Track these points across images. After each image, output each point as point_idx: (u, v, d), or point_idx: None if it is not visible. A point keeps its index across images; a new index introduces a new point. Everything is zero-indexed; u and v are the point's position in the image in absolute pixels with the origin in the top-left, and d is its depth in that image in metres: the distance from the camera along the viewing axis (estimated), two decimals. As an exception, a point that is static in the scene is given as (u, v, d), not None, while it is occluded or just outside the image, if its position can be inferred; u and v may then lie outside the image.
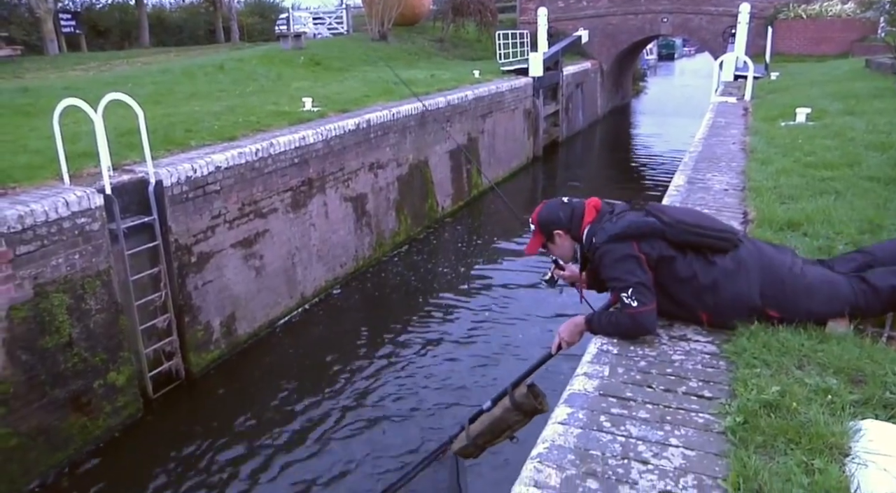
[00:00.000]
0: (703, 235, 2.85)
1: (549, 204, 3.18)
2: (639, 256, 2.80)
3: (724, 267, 2.83)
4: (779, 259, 2.93)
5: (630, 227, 2.84)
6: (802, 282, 2.85)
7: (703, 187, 5.93)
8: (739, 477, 1.95)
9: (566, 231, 3.08)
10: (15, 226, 5.49)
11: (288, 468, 5.98)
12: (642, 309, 2.74)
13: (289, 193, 8.65)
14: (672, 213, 2.91)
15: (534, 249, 3.22)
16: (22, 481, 5.60)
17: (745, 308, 2.84)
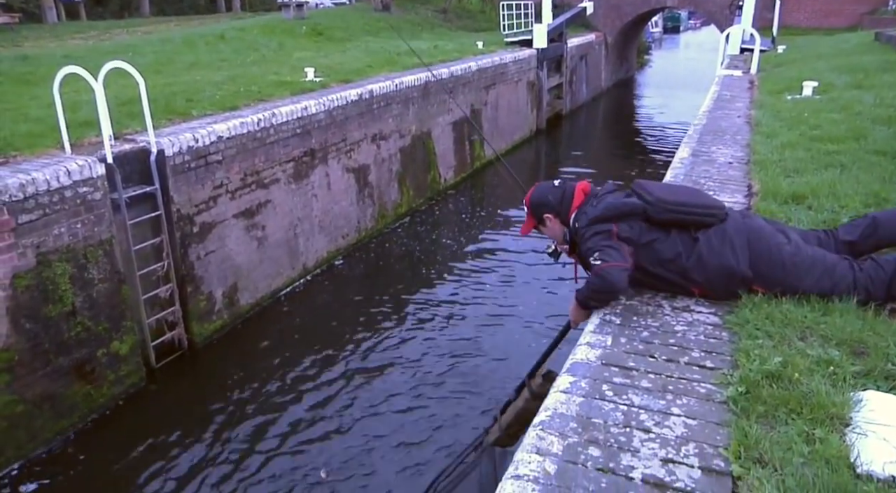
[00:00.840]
0: (686, 212, 2.85)
1: (541, 187, 3.19)
2: (612, 231, 2.84)
3: (708, 242, 2.83)
4: (768, 234, 2.92)
5: (608, 209, 2.88)
6: (793, 259, 2.83)
7: (708, 160, 5.89)
8: (741, 446, 1.97)
9: (556, 215, 3.10)
10: (16, 195, 5.48)
11: (289, 437, 6.04)
12: (605, 265, 2.78)
13: (291, 164, 8.61)
14: (655, 191, 2.90)
15: (527, 230, 3.29)
16: (29, 447, 5.66)
17: (736, 279, 2.84)
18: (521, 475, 1.80)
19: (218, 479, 5.53)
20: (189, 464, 5.70)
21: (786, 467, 1.87)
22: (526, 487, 1.76)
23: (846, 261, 2.90)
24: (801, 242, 2.95)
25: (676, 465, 1.89)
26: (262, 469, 5.65)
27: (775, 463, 1.89)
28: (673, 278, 2.91)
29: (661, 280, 2.94)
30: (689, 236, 2.85)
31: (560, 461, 1.87)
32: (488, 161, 14.99)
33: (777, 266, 2.84)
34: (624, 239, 2.86)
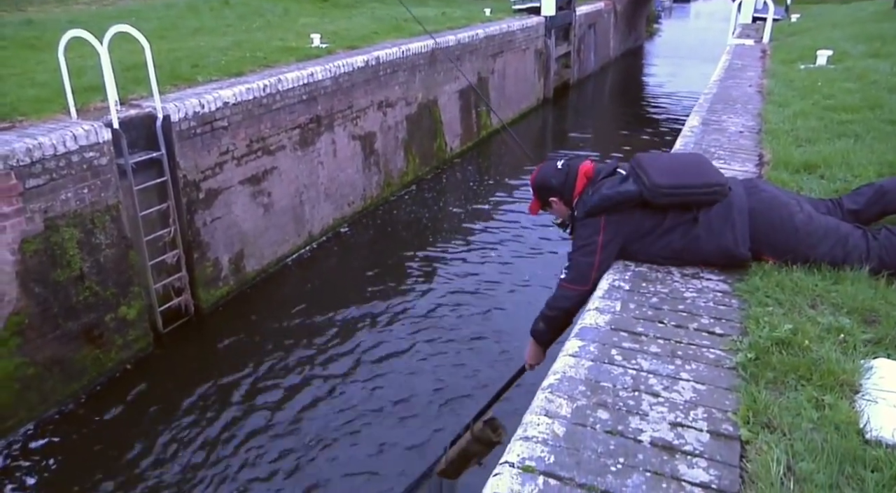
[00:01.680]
0: (685, 195, 2.78)
1: (544, 169, 3.14)
2: (596, 241, 2.84)
3: (708, 223, 2.79)
4: (779, 204, 2.88)
5: (602, 200, 2.83)
6: (805, 229, 2.80)
7: (718, 129, 5.83)
8: (749, 411, 1.97)
9: (560, 198, 3.07)
10: (24, 159, 5.47)
11: (293, 401, 6.11)
12: (563, 284, 2.87)
13: (297, 131, 8.56)
14: (652, 173, 2.80)
15: (535, 210, 3.25)
16: (40, 408, 5.74)
17: (735, 260, 2.83)
18: (530, 436, 1.81)
19: (223, 441, 5.61)
20: (195, 427, 5.78)
21: (794, 432, 1.87)
22: (535, 448, 1.76)
23: (860, 230, 2.87)
24: (812, 212, 2.92)
25: (685, 429, 1.89)
26: (265, 432, 5.72)
27: (784, 428, 1.89)
28: (671, 260, 2.91)
29: (659, 260, 2.94)
30: (689, 217, 2.80)
31: (568, 424, 1.87)
32: (495, 130, 14.88)
33: (789, 236, 2.81)
34: (613, 232, 2.85)
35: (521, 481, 1.65)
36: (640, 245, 2.90)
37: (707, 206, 2.80)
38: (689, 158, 3.21)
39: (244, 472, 5.29)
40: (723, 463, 1.77)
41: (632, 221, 2.85)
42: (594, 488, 1.64)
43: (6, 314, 5.44)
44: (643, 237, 2.87)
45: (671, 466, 1.74)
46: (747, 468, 1.76)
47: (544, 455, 1.74)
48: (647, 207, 2.82)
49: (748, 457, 1.80)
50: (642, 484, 1.67)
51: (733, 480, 1.72)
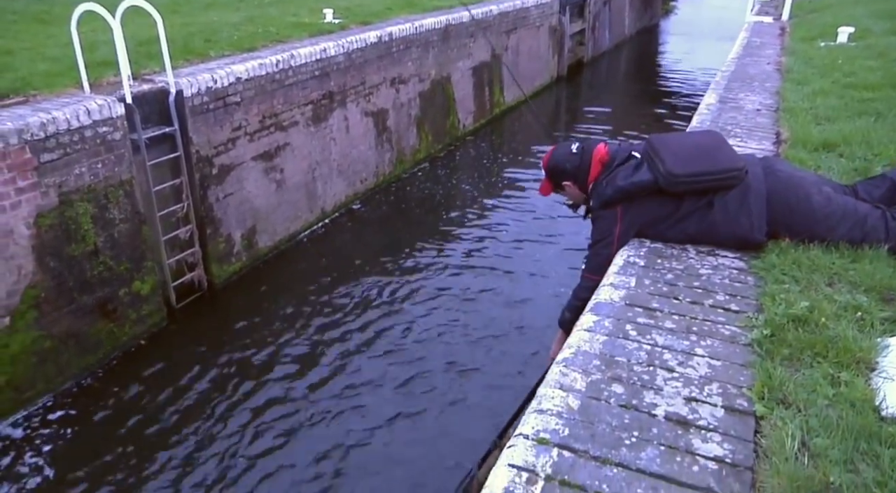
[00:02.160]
0: (700, 182, 2.76)
1: (558, 153, 3.11)
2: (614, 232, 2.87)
3: (724, 208, 2.77)
4: (796, 184, 2.85)
5: (617, 192, 2.82)
6: (824, 210, 2.78)
7: (735, 107, 5.77)
8: (764, 387, 1.96)
9: (574, 182, 3.05)
10: (38, 133, 5.48)
11: (305, 377, 6.15)
12: (584, 273, 2.95)
13: (309, 107, 8.53)
14: (668, 160, 2.76)
15: (546, 191, 3.24)
16: (57, 380, 5.82)
17: (749, 245, 2.83)
18: (545, 409, 1.81)
19: (236, 414, 5.66)
20: (208, 400, 5.83)
21: (810, 408, 1.87)
22: (549, 421, 1.77)
23: (878, 210, 2.84)
24: (831, 192, 2.89)
25: (699, 404, 1.89)
26: (278, 406, 5.77)
27: (799, 404, 1.89)
28: (685, 243, 2.91)
29: (673, 243, 2.93)
30: (705, 203, 2.79)
31: (583, 397, 1.88)
32: (508, 107, 14.77)
33: (806, 217, 2.78)
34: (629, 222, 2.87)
35: (535, 452, 1.66)
36: (656, 231, 2.90)
37: (723, 191, 2.78)
38: (705, 140, 3.14)
39: (257, 444, 5.35)
40: (737, 438, 1.77)
41: (647, 209, 2.85)
42: (608, 460, 1.65)
43: (22, 288, 5.49)
44: (659, 223, 2.86)
45: (685, 440, 1.74)
46: (762, 443, 1.76)
47: (559, 428, 1.74)
48: (663, 195, 2.80)
49: (763, 432, 1.80)
50: (656, 458, 1.67)
51: (747, 454, 1.72)
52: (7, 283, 5.39)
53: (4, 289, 5.38)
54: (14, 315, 5.46)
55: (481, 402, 5.73)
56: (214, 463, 5.19)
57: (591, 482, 1.58)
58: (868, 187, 3.08)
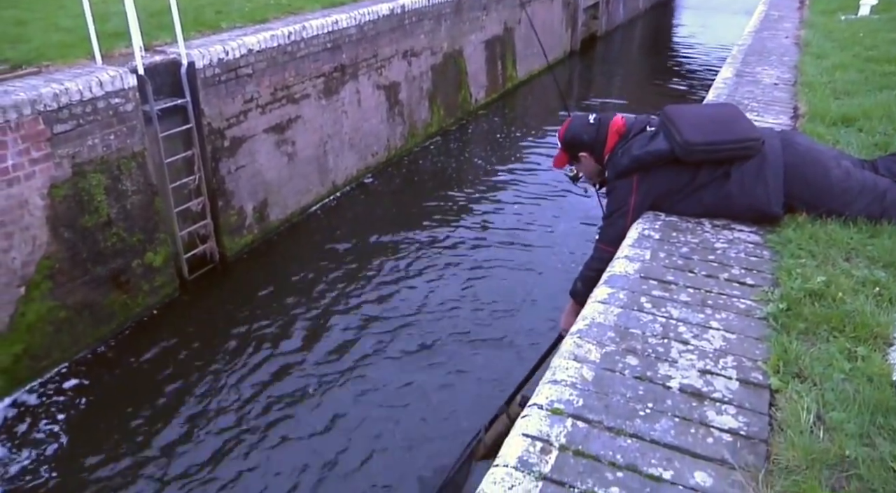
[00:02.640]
0: (717, 151, 2.73)
1: (575, 124, 3.08)
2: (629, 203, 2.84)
3: (740, 179, 2.73)
4: (814, 158, 2.81)
5: (633, 161, 2.80)
6: (841, 185, 2.74)
7: (752, 81, 5.68)
8: (780, 360, 1.95)
9: (590, 153, 3.01)
10: (51, 104, 5.48)
11: (315, 348, 6.19)
12: (600, 245, 2.91)
13: (321, 79, 8.48)
14: (684, 129, 2.73)
15: (560, 164, 3.21)
16: (72, 350, 5.89)
17: (766, 218, 2.79)
18: (559, 380, 1.81)
19: (247, 385, 5.73)
20: (220, 371, 5.89)
21: (826, 382, 1.86)
22: (563, 391, 1.77)
23: None
24: (850, 167, 2.85)
25: (714, 376, 1.88)
26: (289, 377, 5.83)
27: (815, 378, 1.88)
28: (702, 215, 2.88)
29: (689, 215, 2.90)
30: (721, 174, 2.75)
31: (597, 369, 1.88)
32: (521, 82, 14.63)
33: (824, 192, 2.75)
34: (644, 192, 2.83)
35: (549, 422, 1.66)
36: (671, 202, 2.87)
37: (740, 161, 2.75)
38: (721, 111, 3.13)
39: (268, 413, 5.41)
40: (752, 411, 1.77)
41: (664, 179, 2.82)
42: (622, 431, 1.65)
43: (37, 258, 5.54)
44: (674, 194, 2.83)
45: (700, 412, 1.74)
46: (776, 416, 1.75)
47: (573, 399, 1.74)
48: (680, 165, 2.76)
49: (777, 405, 1.79)
50: (671, 429, 1.67)
51: (762, 427, 1.72)
52: (22, 253, 5.43)
53: (20, 259, 5.42)
54: (29, 285, 5.51)
55: (491, 370, 5.76)
56: (225, 431, 5.26)
57: (605, 452, 1.59)
58: (888, 163, 3.03)
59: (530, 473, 1.51)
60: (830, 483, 1.54)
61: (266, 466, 4.93)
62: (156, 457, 5.00)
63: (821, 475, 1.56)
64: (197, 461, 4.97)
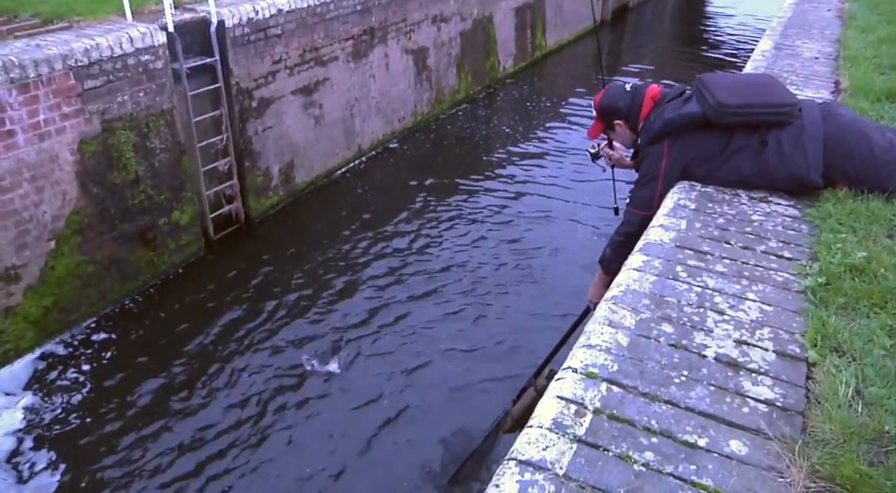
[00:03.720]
0: (752, 115, 2.65)
1: (611, 91, 3.05)
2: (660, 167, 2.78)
3: (778, 146, 2.65)
4: (857, 130, 2.73)
5: (666, 125, 2.74)
6: (883, 157, 2.66)
7: (792, 54, 5.53)
8: (818, 334, 1.92)
9: (626, 121, 2.98)
10: (82, 60, 5.49)
11: (340, 310, 6.24)
12: (630, 209, 2.88)
13: (350, 42, 8.40)
14: (717, 92, 2.67)
15: (596, 133, 3.18)
16: (100, 305, 5.98)
17: (806, 187, 2.71)
18: (593, 344, 1.80)
19: (270, 344, 5.80)
20: (242, 329, 5.97)
21: (865, 357, 1.82)
22: (598, 356, 1.75)
23: None
24: (895, 139, 2.77)
25: (750, 347, 1.86)
26: (312, 336, 5.90)
27: (854, 353, 1.85)
28: (738, 183, 2.81)
29: (727, 183, 2.84)
30: (758, 139, 2.67)
31: (632, 335, 1.85)
32: (550, 51, 14.41)
33: (866, 164, 2.67)
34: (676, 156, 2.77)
35: (584, 386, 1.65)
36: (706, 170, 2.81)
37: (776, 127, 2.67)
38: (757, 78, 3.06)
39: (293, 372, 5.48)
40: (788, 383, 1.74)
41: (696, 143, 2.76)
42: (657, 397, 1.63)
43: (67, 212, 5.60)
44: (708, 161, 2.77)
45: (735, 382, 1.72)
46: (814, 389, 1.73)
47: (607, 363, 1.73)
48: (713, 129, 2.70)
49: (815, 379, 1.76)
50: (706, 397, 1.65)
51: (799, 399, 1.69)
52: (52, 207, 5.50)
53: (50, 213, 5.49)
54: (59, 239, 5.58)
55: (517, 342, 5.77)
56: (248, 385, 5.35)
57: (640, 417, 1.57)
58: None
59: (565, 435, 1.51)
60: (868, 458, 1.52)
61: (289, 420, 5.01)
62: (178, 411, 5.10)
63: (858, 449, 1.53)
64: (218, 417, 5.06)
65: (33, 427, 4.89)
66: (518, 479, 1.39)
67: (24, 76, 5.12)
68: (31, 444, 4.76)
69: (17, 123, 5.18)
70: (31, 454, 4.68)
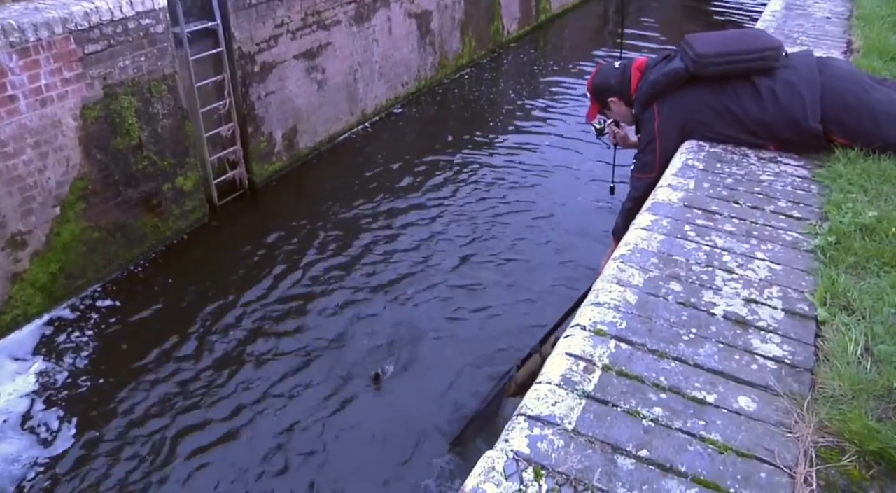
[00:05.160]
0: (733, 62, 2.65)
1: (601, 71, 3.09)
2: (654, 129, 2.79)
3: (771, 92, 2.64)
4: (851, 81, 2.68)
5: (651, 87, 2.77)
6: (885, 107, 2.61)
7: (803, 14, 5.44)
8: (827, 293, 1.91)
9: (619, 97, 2.99)
10: (82, 23, 5.41)
11: (345, 277, 6.24)
12: (634, 174, 2.91)
13: (352, 5, 8.27)
14: (697, 46, 2.69)
15: (593, 115, 3.21)
16: (105, 270, 6.00)
17: (805, 134, 2.67)
18: (602, 302, 1.79)
19: (274, 309, 5.81)
20: (247, 295, 5.97)
21: (875, 315, 1.82)
22: (607, 314, 1.75)
23: None
24: (890, 90, 2.72)
25: (759, 305, 1.85)
26: (316, 301, 5.90)
27: (863, 311, 1.84)
28: (740, 136, 2.78)
29: (729, 139, 2.82)
30: (750, 89, 2.66)
31: (641, 293, 1.85)
32: (554, 15, 14.18)
33: (863, 116, 2.63)
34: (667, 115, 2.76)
35: (592, 343, 1.65)
36: (705, 125, 2.80)
37: (765, 75, 2.65)
38: (742, 31, 3.11)
39: (297, 335, 5.51)
40: (797, 341, 1.74)
41: (688, 100, 2.76)
42: (666, 354, 1.63)
43: (71, 178, 5.58)
44: (705, 116, 2.77)
45: (744, 339, 1.72)
46: (823, 346, 1.73)
47: (616, 321, 1.73)
48: (701, 84, 2.70)
49: (824, 336, 1.76)
50: (714, 354, 1.65)
51: (807, 357, 1.69)
52: (56, 174, 5.48)
53: (54, 180, 5.47)
54: (64, 206, 5.57)
55: (523, 310, 5.77)
56: (254, 348, 5.38)
57: (649, 373, 1.58)
58: None
59: (573, 391, 1.51)
60: (877, 413, 1.52)
61: (293, 382, 5.06)
62: (185, 373, 5.14)
63: (867, 405, 1.54)
64: (224, 378, 5.10)
65: (46, 390, 4.94)
66: (528, 434, 1.39)
67: (23, 40, 5.06)
68: (45, 406, 4.82)
69: (19, 87, 5.13)
70: (45, 416, 4.74)
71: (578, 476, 1.32)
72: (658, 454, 1.38)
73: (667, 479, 1.32)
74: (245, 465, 4.43)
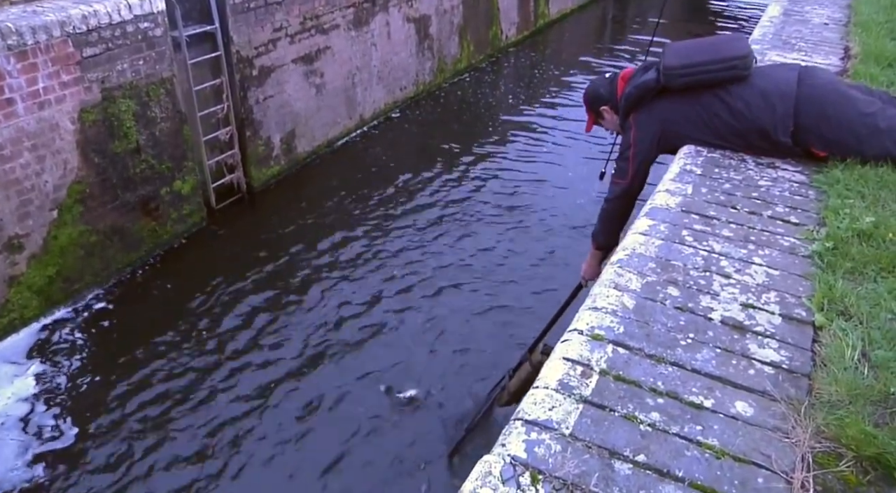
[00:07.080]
0: (699, 73, 2.65)
1: (594, 82, 3.18)
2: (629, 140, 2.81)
3: (741, 99, 2.64)
4: (833, 91, 2.67)
5: (625, 100, 2.82)
6: (861, 121, 2.60)
7: (801, 20, 5.46)
8: (824, 298, 1.91)
9: (611, 106, 3.03)
10: (80, 27, 5.42)
11: (343, 281, 6.24)
12: (613, 178, 2.94)
13: (351, 10, 8.29)
14: (668, 57, 2.71)
15: (590, 126, 3.26)
16: (103, 274, 5.99)
17: (777, 146, 2.68)
18: (599, 307, 1.79)
19: (272, 313, 5.81)
20: (245, 299, 5.97)
21: (872, 321, 1.82)
22: (604, 318, 1.75)
23: None
24: (879, 103, 2.70)
25: (757, 310, 1.85)
26: (315, 305, 5.90)
27: (861, 317, 1.84)
28: (717, 143, 2.80)
29: (708, 146, 2.84)
30: (722, 96, 2.67)
31: (638, 297, 1.85)
32: (552, 20, 14.23)
33: (843, 130, 2.60)
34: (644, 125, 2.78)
35: (590, 348, 1.65)
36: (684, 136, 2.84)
37: (735, 84, 2.65)
38: (718, 38, 3.09)
39: (294, 341, 5.50)
40: (794, 346, 1.74)
41: (663, 111, 2.78)
42: (663, 359, 1.63)
43: (69, 182, 5.58)
44: (681, 125, 2.79)
45: (742, 344, 1.72)
46: (820, 351, 1.73)
47: (613, 326, 1.73)
48: (675, 94, 2.71)
49: (821, 341, 1.76)
50: (712, 359, 1.65)
51: (805, 362, 1.69)
52: (54, 177, 5.47)
53: (52, 183, 5.46)
54: (61, 209, 5.57)
55: (514, 316, 5.78)
56: (253, 350, 5.37)
57: (647, 378, 1.57)
58: None
59: (571, 395, 1.51)
60: (874, 419, 1.52)
61: (294, 384, 5.05)
62: (182, 376, 5.14)
63: (864, 411, 1.54)
64: (222, 380, 5.10)
65: (44, 393, 4.94)
66: (525, 438, 1.39)
67: (21, 43, 5.06)
68: (43, 409, 4.81)
69: (17, 91, 5.13)
70: (43, 419, 4.74)
71: (575, 481, 1.31)
72: (655, 458, 1.38)
73: (664, 484, 1.32)
74: (245, 466, 4.42)
